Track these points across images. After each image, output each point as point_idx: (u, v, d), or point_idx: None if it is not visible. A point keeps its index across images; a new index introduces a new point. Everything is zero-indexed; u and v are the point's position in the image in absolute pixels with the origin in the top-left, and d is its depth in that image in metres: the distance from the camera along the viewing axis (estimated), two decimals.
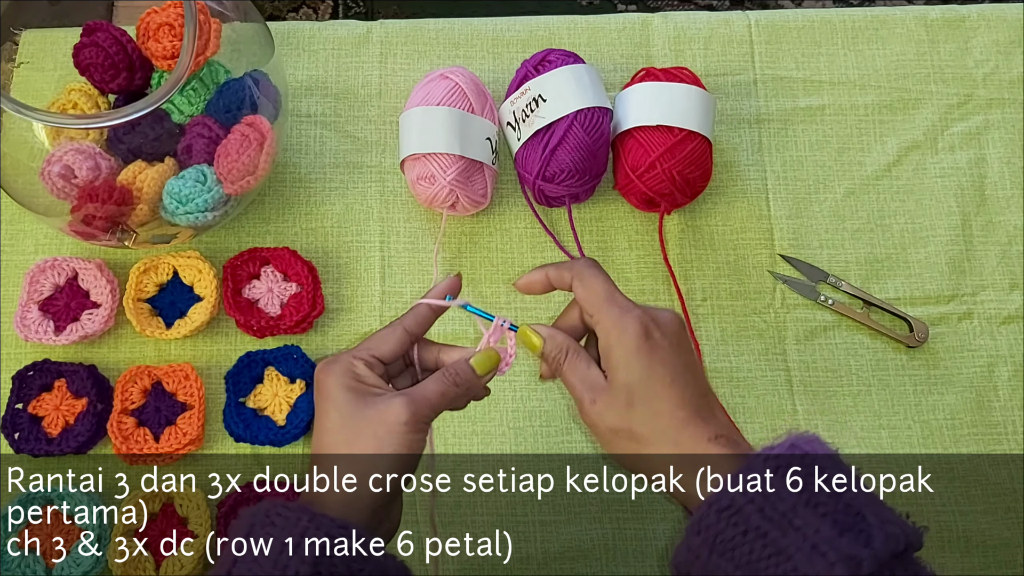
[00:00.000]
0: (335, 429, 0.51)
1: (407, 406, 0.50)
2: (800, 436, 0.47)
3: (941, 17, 0.88)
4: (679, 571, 0.47)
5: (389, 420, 0.50)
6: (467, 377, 0.54)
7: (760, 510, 0.44)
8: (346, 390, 0.52)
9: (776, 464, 0.45)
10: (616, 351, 0.52)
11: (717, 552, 0.44)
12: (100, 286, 0.75)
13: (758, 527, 0.43)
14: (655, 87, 0.77)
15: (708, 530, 0.45)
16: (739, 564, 0.44)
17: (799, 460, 0.45)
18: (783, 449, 0.46)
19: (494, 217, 0.81)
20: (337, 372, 0.52)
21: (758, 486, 0.44)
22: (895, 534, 0.43)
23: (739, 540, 0.44)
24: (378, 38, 0.86)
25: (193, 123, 0.70)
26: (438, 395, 0.52)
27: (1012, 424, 0.76)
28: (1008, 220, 0.82)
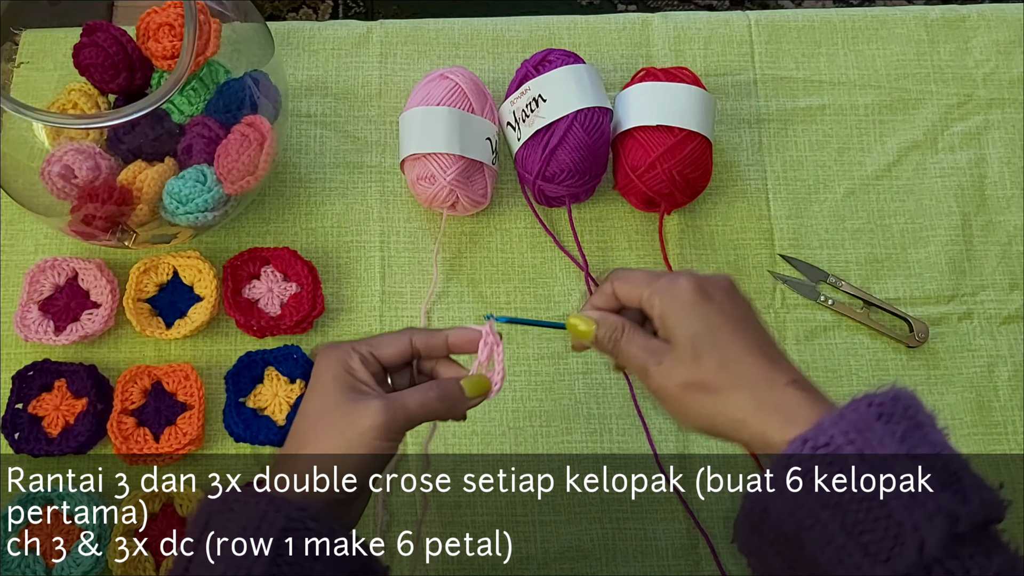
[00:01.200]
0: (311, 415, 0.52)
1: (382, 412, 0.50)
2: (902, 390, 0.45)
3: (941, 17, 0.88)
4: (755, 504, 0.45)
5: (361, 421, 0.50)
6: (453, 395, 0.53)
7: (860, 452, 0.42)
8: (334, 378, 0.52)
9: (880, 411, 0.43)
10: (672, 309, 0.50)
11: (805, 489, 0.43)
12: (100, 286, 0.75)
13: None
14: (655, 87, 0.77)
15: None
16: (827, 504, 0.42)
17: (902, 411, 0.44)
18: (886, 398, 0.44)
19: (494, 217, 0.81)
20: (332, 357, 0.52)
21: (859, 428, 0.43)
22: (990, 499, 0.42)
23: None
24: (378, 38, 0.86)
25: (193, 123, 0.70)
26: (418, 406, 0.51)
27: (1012, 424, 0.76)
28: (1008, 220, 0.82)
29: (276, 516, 0.45)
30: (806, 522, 0.43)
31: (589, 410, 0.75)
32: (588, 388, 0.76)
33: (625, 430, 0.75)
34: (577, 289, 0.79)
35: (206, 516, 0.47)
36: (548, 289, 0.79)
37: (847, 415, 0.44)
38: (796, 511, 0.43)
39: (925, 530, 0.40)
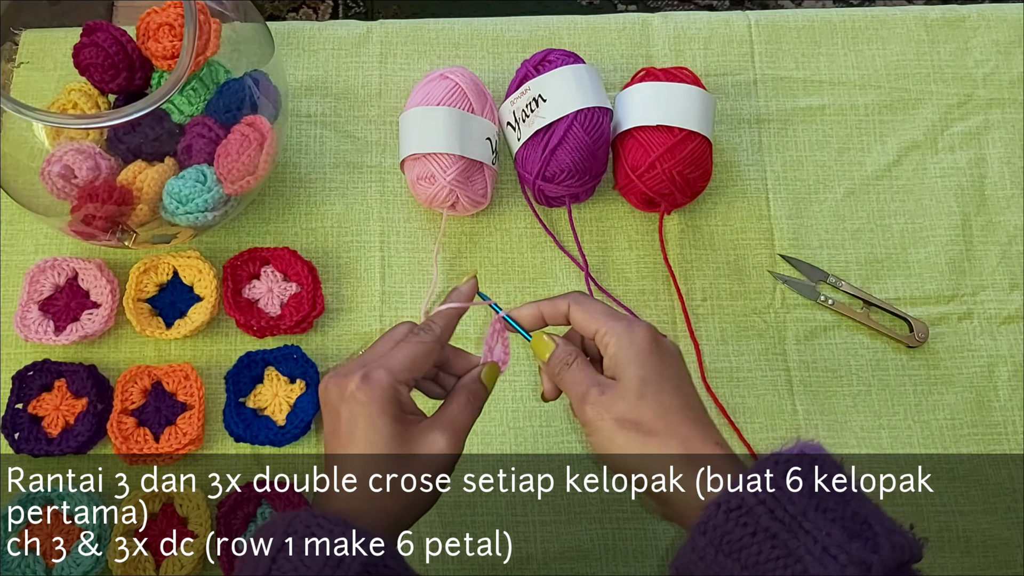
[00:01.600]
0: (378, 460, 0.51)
1: (451, 440, 0.52)
2: (808, 444, 0.47)
3: (941, 17, 0.88)
4: (680, 572, 0.47)
5: (439, 460, 0.52)
6: (483, 395, 0.56)
7: (771, 511, 0.43)
8: (392, 421, 0.51)
9: (787, 468, 0.45)
10: (626, 351, 0.52)
11: (723, 552, 0.44)
12: (100, 286, 0.75)
13: (767, 528, 0.43)
14: (655, 87, 0.77)
15: (715, 530, 0.44)
16: (746, 565, 0.43)
17: (808, 464, 0.45)
18: (792, 454, 0.46)
19: (494, 217, 0.81)
20: (381, 399, 0.51)
21: (768, 487, 0.44)
22: (900, 544, 0.43)
23: (747, 541, 0.43)
24: (378, 38, 0.86)
25: (193, 123, 0.70)
26: (470, 419, 0.54)
27: (1012, 424, 0.76)
28: (1008, 220, 0.82)
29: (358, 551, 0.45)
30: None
31: None
32: None
33: None
34: (577, 289, 0.79)
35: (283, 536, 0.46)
36: (548, 289, 0.79)
37: (755, 476, 0.45)
38: (719, 572, 0.45)
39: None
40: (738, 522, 0.44)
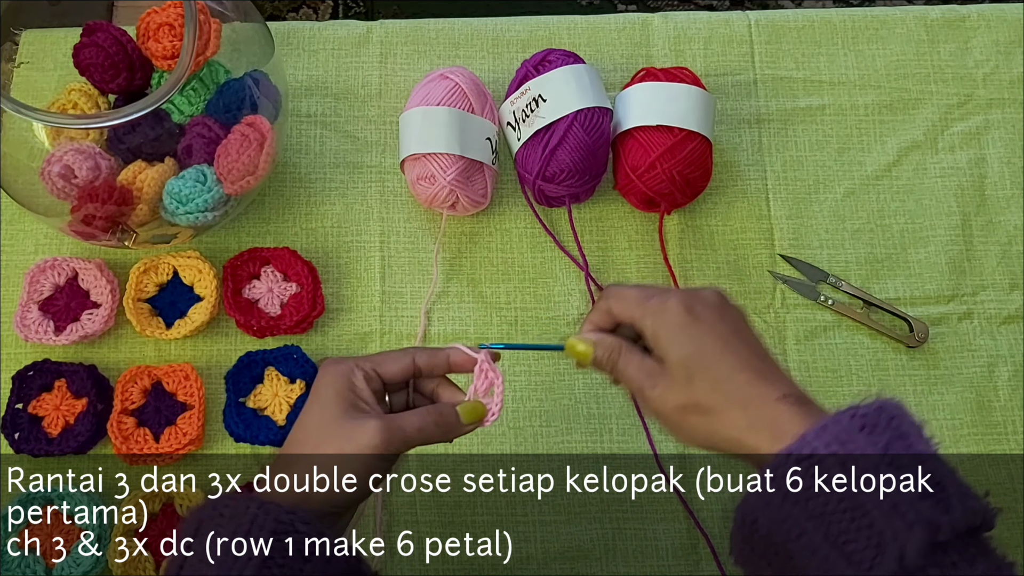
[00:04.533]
0: (310, 427, 0.52)
1: (380, 432, 0.50)
2: (888, 400, 0.45)
3: (941, 17, 0.88)
4: (745, 517, 0.46)
5: (359, 440, 0.50)
6: (450, 421, 0.54)
7: (841, 463, 0.43)
8: (336, 394, 0.52)
9: (863, 423, 0.44)
10: (663, 331, 0.51)
11: (791, 501, 0.43)
12: (100, 286, 0.75)
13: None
14: (655, 87, 0.77)
15: (784, 478, 0.44)
16: (812, 514, 0.43)
17: (885, 422, 0.44)
18: (870, 409, 0.45)
19: (494, 217, 0.81)
20: (335, 373, 0.53)
21: (841, 440, 0.43)
22: (974, 508, 0.42)
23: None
24: (378, 38, 0.86)
25: (193, 123, 0.70)
26: (415, 430, 0.52)
27: (1012, 424, 0.76)
28: (1008, 220, 0.82)
29: (266, 519, 0.46)
30: (792, 533, 0.43)
31: (589, 410, 0.75)
32: (588, 388, 0.76)
33: (625, 430, 0.75)
34: (577, 289, 0.79)
35: (196, 520, 0.47)
36: (548, 289, 0.79)
37: (829, 427, 0.44)
38: (783, 522, 0.44)
39: (904, 539, 0.40)
40: (808, 472, 0.43)
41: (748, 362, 0.50)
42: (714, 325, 0.51)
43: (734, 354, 0.50)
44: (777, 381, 0.50)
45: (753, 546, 0.46)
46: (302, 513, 0.47)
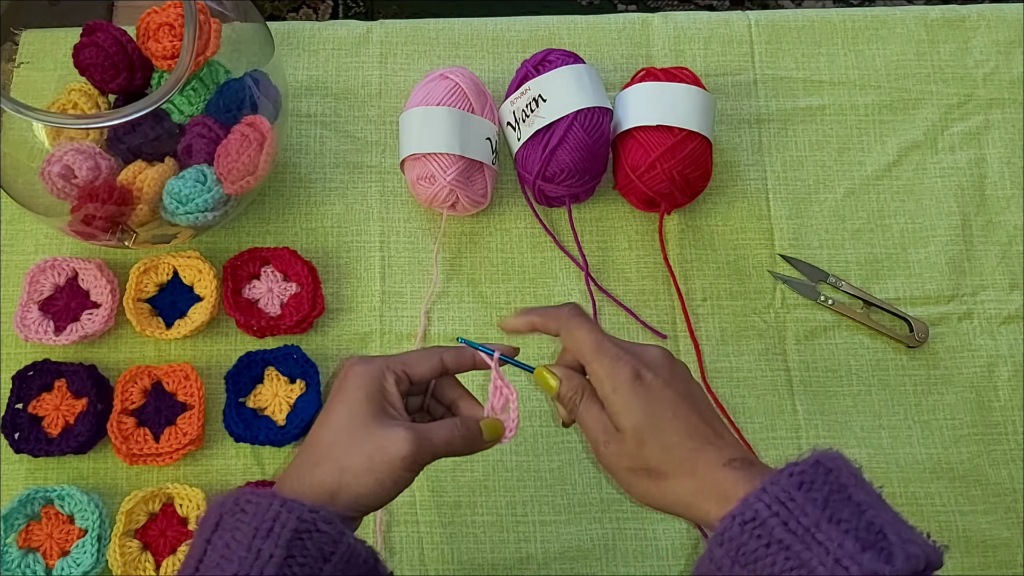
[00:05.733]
0: (338, 430, 0.51)
1: (411, 444, 0.50)
2: (824, 453, 0.47)
3: (941, 17, 0.88)
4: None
5: (389, 450, 0.50)
6: (474, 436, 0.54)
7: (784, 523, 0.44)
8: (367, 398, 0.52)
9: (800, 480, 0.45)
10: (614, 398, 0.52)
11: (739, 564, 0.45)
12: (100, 286, 0.75)
13: (781, 540, 0.44)
14: (655, 87, 0.77)
15: (731, 542, 0.45)
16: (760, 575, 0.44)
17: (823, 477, 0.45)
18: (807, 465, 0.46)
19: (494, 217, 0.81)
20: (366, 375, 0.53)
21: (781, 499, 0.44)
22: (915, 554, 0.43)
23: (762, 552, 0.44)
24: (378, 38, 0.86)
25: (193, 123, 0.70)
26: (443, 443, 0.52)
27: (1012, 424, 0.76)
28: (1008, 220, 0.82)
29: (289, 517, 0.46)
30: None
31: None
32: None
33: None
34: (577, 289, 0.79)
35: (217, 515, 0.47)
36: (548, 289, 0.79)
37: (769, 488, 0.45)
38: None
39: None
40: (752, 534, 0.44)
41: (696, 428, 0.52)
42: (662, 390, 0.52)
43: (683, 420, 0.52)
44: (723, 446, 0.51)
45: None
46: (324, 513, 0.47)
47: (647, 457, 0.51)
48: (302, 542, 0.45)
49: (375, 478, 0.49)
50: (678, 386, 0.53)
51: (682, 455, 0.50)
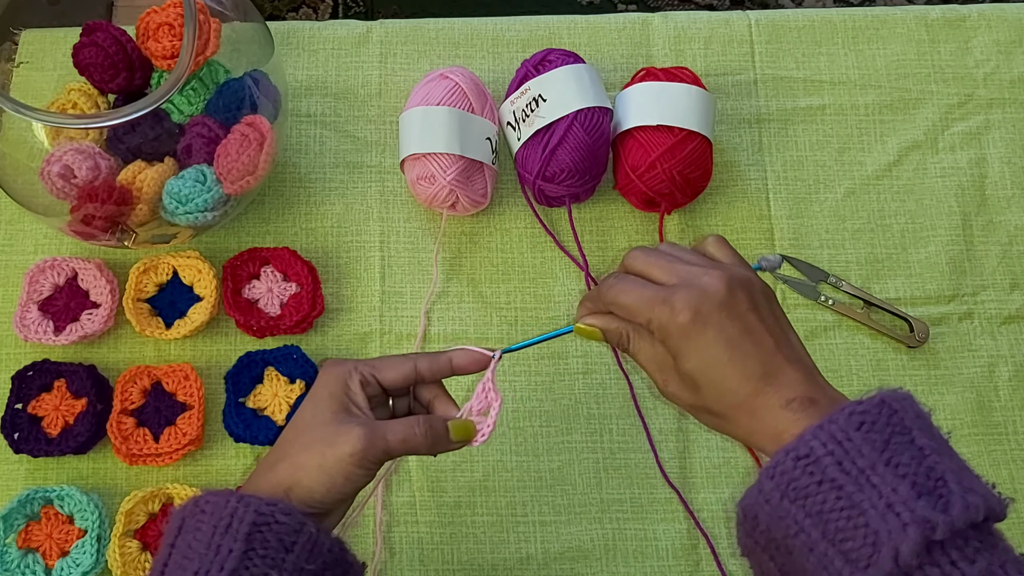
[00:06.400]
0: (300, 426, 0.53)
1: (361, 440, 0.50)
2: (892, 393, 0.46)
3: (942, 17, 0.88)
4: (746, 512, 0.47)
5: (340, 445, 0.50)
6: (438, 434, 0.54)
7: (838, 463, 0.43)
8: (329, 396, 0.53)
9: (860, 420, 0.44)
10: (670, 341, 0.51)
11: (789, 498, 0.44)
12: (100, 286, 0.75)
13: (834, 479, 0.43)
14: (655, 87, 0.77)
15: (783, 476, 0.44)
16: (810, 512, 0.43)
17: (886, 418, 0.44)
18: (870, 405, 0.45)
19: (494, 217, 0.81)
20: (333, 375, 0.54)
21: (839, 437, 0.44)
22: (974, 503, 0.41)
23: (813, 489, 0.43)
24: (378, 38, 0.86)
25: (193, 123, 0.70)
26: (398, 440, 0.52)
27: (1012, 424, 0.76)
28: (1009, 220, 0.82)
29: (246, 512, 0.46)
30: (791, 530, 0.44)
31: (589, 410, 0.75)
32: (588, 388, 0.76)
33: (625, 430, 0.75)
34: (577, 289, 0.79)
35: (179, 520, 0.48)
36: (548, 289, 0.79)
37: (827, 426, 0.44)
38: (782, 519, 0.44)
39: (899, 539, 0.41)
40: (805, 470, 0.44)
41: (755, 368, 0.50)
42: (722, 329, 0.50)
43: (740, 363, 0.50)
44: (786, 383, 0.49)
45: (756, 540, 0.47)
46: (283, 505, 0.47)
47: (705, 398, 0.51)
48: (261, 534, 0.46)
49: (325, 474, 0.50)
50: (738, 321, 0.50)
51: (738, 399, 0.50)
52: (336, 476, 0.50)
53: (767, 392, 0.49)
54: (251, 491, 0.49)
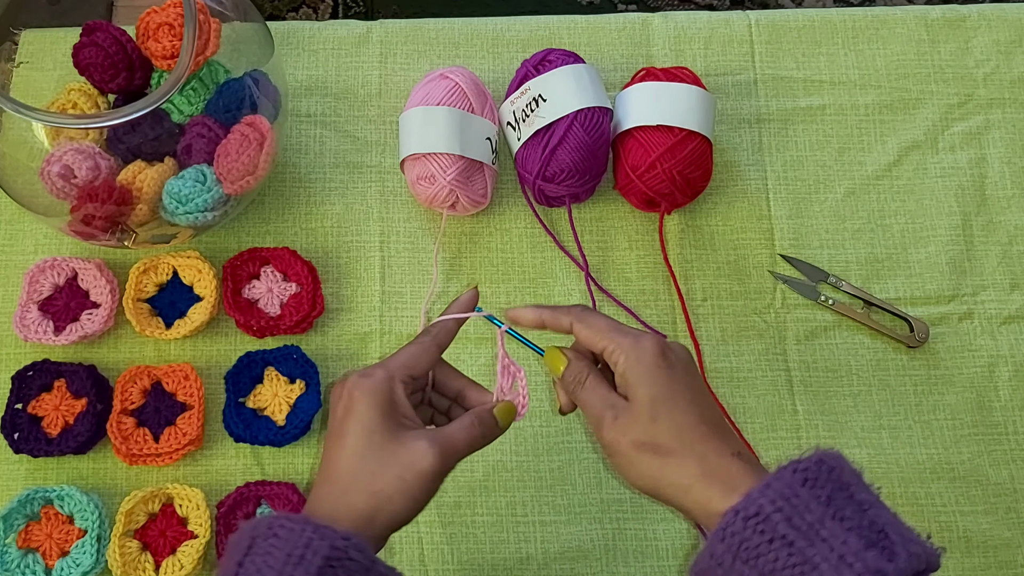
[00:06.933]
0: (359, 454, 0.50)
1: (438, 455, 0.50)
2: (826, 452, 0.47)
3: (942, 17, 0.88)
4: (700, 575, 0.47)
5: (418, 466, 0.50)
6: (492, 427, 0.54)
7: (788, 519, 0.44)
8: (381, 416, 0.51)
9: (804, 477, 0.45)
10: (635, 369, 0.52)
11: (741, 559, 0.44)
12: (100, 286, 0.75)
13: (784, 535, 0.43)
14: (655, 87, 0.77)
15: (733, 537, 0.45)
16: (763, 572, 0.44)
17: (827, 474, 0.45)
18: (810, 463, 0.46)
19: (494, 217, 0.81)
20: (375, 392, 0.52)
21: (786, 495, 0.44)
22: (917, 553, 0.43)
23: (764, 548, 0.44)
24: (378, 38, 0.86)
25: (193, 123, 0.70)
26: (466, 444, 0.52)
27: (1012, 424, 0.76)
28: (1009, 220, 0.82)
29: (321, 544, 0.45)
30: None
31: None
32: None
33: None
34: (577, 289, 0.79)
35: (249, 540, 0.47)
36: (548, 289, 0.79)
37: (773, 484, 0.45)
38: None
39: None
40: (755, 529, 0.44)
41: (709, 417, 0.52)
42: (684, 375, 0.52)
43: (698, 406, 0.52)
44: (731, 440, 0.51)
45: None
46: (356, 541, 0.46)
47: (658, 432, 0.51)
48: (333, 570, 0.45)
49: (409, 497, 0.49)
50: (696, 381, 0.53)
51: (693, 437, 0.50)
52: (419, 495, 0.50)
53: (717, 438, 0.51)
54: (326, 520, 0.47)
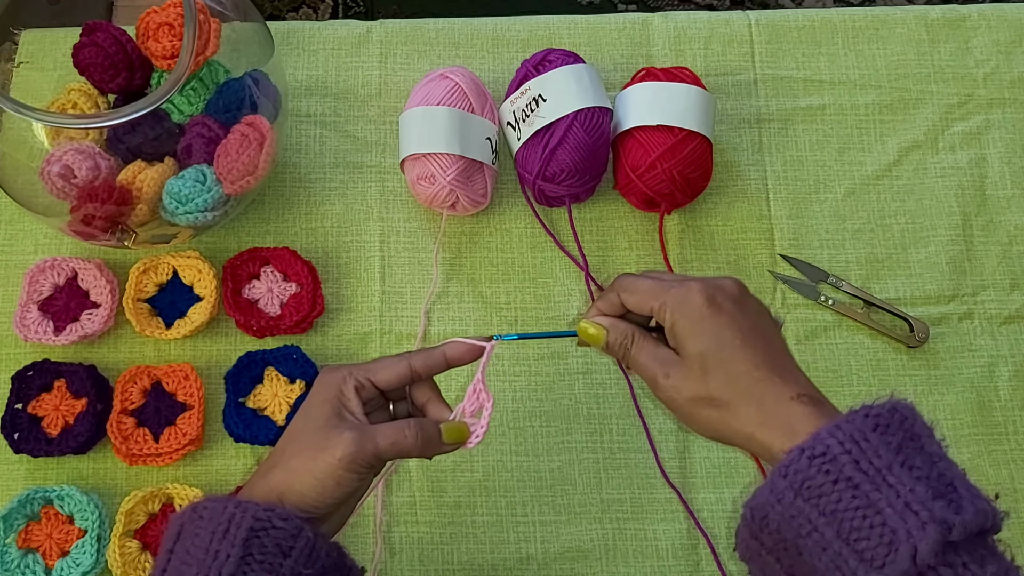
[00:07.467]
0: (294, 433, 0.53)
1: (350, 444, 0.50)
2: (900, 402, 0.46)
3: (942, 17, 0.88)
4: (754, 513, 0.46)
5: (331, 450, 0.50)
6: (429, 436, 0.53)
7: (855, 462, 0.43)
8: (323, 403, 0.53)
9: (876, 422, 0.44)
10: (682, 322, 0.51)
11: (802, 497, 0.44)
12: (100, 286, 0.75)
13: (850, 478, 0.43)
14: (655, 87, 0.77)
15: (796, 475, 0.44)
16: (824, 511, 0.43)
17: (899, 423, 0.45)
18: (883, 409, 0.45)
19: (494, 217, 0.81)
20: (327, 382, 0.54)
21: (855, 437, 0.44)
22: (984, 510, 0.42)
23: (828, 488, 0.43)
24: (378, 38, 0.86)
25: (193, 123, 0.70)
26: (389, 444, 0.51)
27: (1012, 424, 0.76)
28: (1009, 220, 0.82)
29: (243, 517, 0.46)
30: (803, 529, 0.44)
31: (589, 410, 0.75)
32: (588, 388, 0.76)
33: (625, 430, 0.75)
34: (577, 289, 0.79)
35: (178, 525, 0.48)
36: (548, 289, 0.79)
37: (843, 426, 0.44)
38: (794, 519, 0.44)
39: (918, 537, 0.41)
40: (820, 468, 0.44)
41: (765, 359, 0.50)
42: (734, 318, 0.51)
43: (752, 349, 0.50)
44: (793, 379, 0.50)
45: (761, 542, 0.46)
46: (280, 511, 0.47)
47: (711, 385, 0.50)
48: (259, 539, 0.46)
49: (316, 478, 0.50)
50: (750, 317, 0.52)
51: (748, 385, 0.49)
52: (326, 480, 0.50)
53: (776, 382, 0.49)
54: (247, 497, 0.49)
